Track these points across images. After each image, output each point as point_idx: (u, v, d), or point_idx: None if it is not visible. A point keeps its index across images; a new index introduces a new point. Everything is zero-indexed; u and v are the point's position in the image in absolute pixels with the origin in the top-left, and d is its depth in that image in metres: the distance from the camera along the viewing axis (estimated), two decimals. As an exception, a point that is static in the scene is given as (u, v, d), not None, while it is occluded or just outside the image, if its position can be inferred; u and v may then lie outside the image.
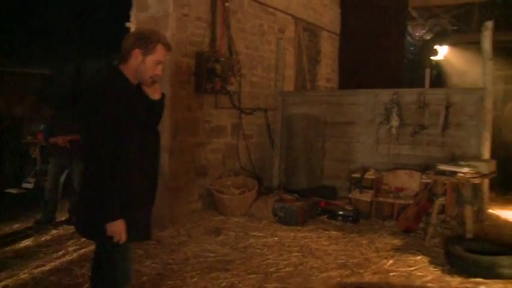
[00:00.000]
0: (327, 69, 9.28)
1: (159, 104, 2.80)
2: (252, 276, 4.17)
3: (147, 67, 2.65)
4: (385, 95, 6.80)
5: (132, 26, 6.02)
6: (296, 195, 6.46)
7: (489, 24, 6.31)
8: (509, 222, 6.18)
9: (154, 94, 2.76)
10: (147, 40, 2.64)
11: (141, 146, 2.64)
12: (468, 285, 4.03)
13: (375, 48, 9.32)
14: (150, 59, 2.64)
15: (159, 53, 2.66)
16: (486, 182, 6.23)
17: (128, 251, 2.79)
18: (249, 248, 4.97)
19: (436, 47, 9.97)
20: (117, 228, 2.53)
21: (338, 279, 4.12)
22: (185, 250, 4.85)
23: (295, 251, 4.87)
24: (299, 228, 5.72)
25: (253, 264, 4.46)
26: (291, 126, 7.49)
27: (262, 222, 5.94)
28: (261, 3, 7.33)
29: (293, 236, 5.40)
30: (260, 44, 7.41)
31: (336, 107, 7.24)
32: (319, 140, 7.26)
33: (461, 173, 5.08)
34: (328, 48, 9.37)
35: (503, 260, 4.20)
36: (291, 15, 8.11)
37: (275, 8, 7.68)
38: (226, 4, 6.52)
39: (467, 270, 4.24)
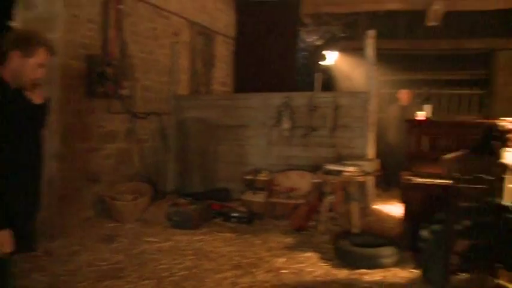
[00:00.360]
0: (222, 73, 9.38)
1: (42, 108, 2.68)
2: (146, 282, 4.12)
3: (26, 70, 2.51)
4: (277, 98, 7.01)
5: (17, 25, 5.67)
6: (190, 198, 6.46)
7: (372, 32, 6.74)
8: (391, 216, 6.59)
9: (36, 98, 2.64)
10: (27, 42, 2.52)
11: (20, 153, 2.51)
12: (354, 276, 4.29)
13: (269, 53, 9.56)
14: (31, 61, 2.51)
15: (40, 55, 2.54)
16: (371, 179, 6.65)
17: (8, 264, 2.61)
18: (143, 254, 4.88)
19: (326, 52, 10.45)
20: (2, 239, 2.40)
21: (232, 279, 4.19)
22: (77, 260, 4.65)
23: (190, 254, 4.87)
24: (194, 231, 5.70)
25: (147, 270, 4.40)
26: (185, 130, 7.48)
27: (157, 227, 5.86)
28: (155, 6, 7.23)
29: (188, 239, 5.39)
30: (154, 47, 7.32)
31: (230, 111, 7.35)
32: (213, 143, 7.32)
33: (347, 172, 5.39)
34: (223, 52, 9.47)
35: (384, 251, 4.56)
36: (185, 18, 8.10)
37: (170, 12, 7.63)
38: (120, 6, 6.37)
39: (353, 263, 4.52)
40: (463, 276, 4.22)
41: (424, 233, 4.18)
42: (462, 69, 11.53)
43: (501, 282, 4.07)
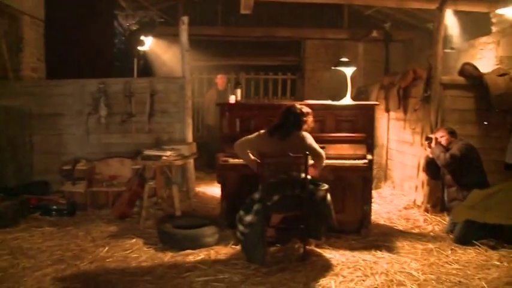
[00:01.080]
0: (32, 58, 8.73)
1: None
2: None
3: None
4: (92, 84, 6.83)
5: None
6: (2, 194, 6.01)
7: (185, 19, 6.93)
8: (214, 197, 6.91)
9: None
10: None
11: None
12: (179, 258, 4.44)
13: (85, 37, 9.17)
14: None
15: None
16: (191, 162, 6.90)
17: None
18: None
19: (143, 38, 10.37)
20: None
21: (53, 275, 4.05)
22: None
23: (5, 254, 4.54)
24: (9, 230, 5.32)
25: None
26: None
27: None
28: None
29: (1, 239, 5.01)
30: None
31: (43, 99, 6.94)
32: (27, 133, 6.87)
33: (165, 156, 5.52)
34: (32, 35, 8.80)
35: (205, 230, 4.80)
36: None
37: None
38: None
39: (177, 245, 4.67)
40: (279, 247, 4.71)
41: (242, 214, 4.47)
42: (275, 56, 12.43)
43: (311, 248, 4.63)
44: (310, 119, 4.59)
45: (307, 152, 4.32)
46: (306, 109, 4.57)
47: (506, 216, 4.48)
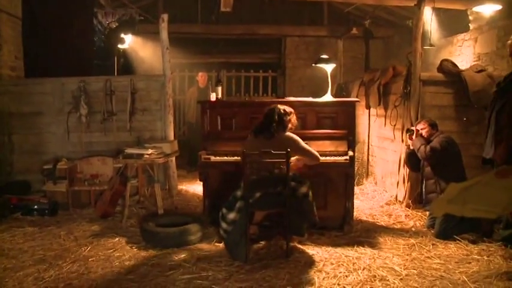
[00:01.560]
0: (10, 56, 8.60)
1: None
2: None
3: None
4: (72, 83, 6.79)
5: None
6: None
7: (165, 16, 6.90)
8: (196, 195, 6.91)
9: None
10: None
11: None
12: (162, 256, 4.43)
13: (64, 35, 9.07)
14: None
15: None
16: (173, 160, 6.88)
17: None
18: None
19: (123, 35, 10.30)
20: None
21: (35, 275, 4.01)
22: None
23: (-14, 255, 4.52)
24: (-12, 231, 5.28)
25: None
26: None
27: None
28: None
29: (-18, 239, 4.98)
30: None
31: (22, 97, 6.88)
32: (6, 132, 6.79)
33: (147, 154, 5.50)
34: (9, 33, 8.67)
35: (189, 228, 4.79)
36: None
37: None
38: None
39: (160, 243, 4.66)
40: (262, 244, 4.73)
41: (224, 211, 4.49)
42: (256, 53, 12.46)
43: (294, 244, 4.66)
44: (293, 117, 4.64)
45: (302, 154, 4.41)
46: (288, 108, 4.62)
47: (484, 210, 4.54)
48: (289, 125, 4.59)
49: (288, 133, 4.56)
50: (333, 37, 10.98)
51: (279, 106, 4.63)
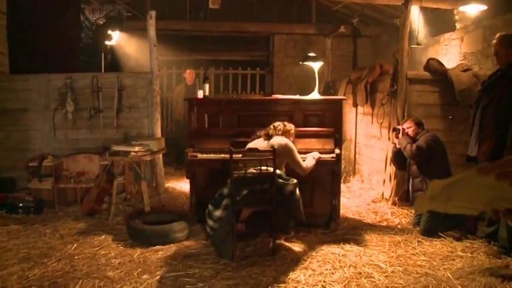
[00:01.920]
0: (-5, 52, 8.54)
1: None
2: None
3: None
4: (59, 79, 6.73)
5: None
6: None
7: (153, 13, 6.89)
8: (183, 193, 6.89)
9: None
10: None
11: None
12: (148, 254, 4.42)
13: (51, 31, 9.01)
14: None
15: None
16: (160, 158, 6.86)
17: None
18: None
19: (111, 32, 10.23)
20: None
21: (20, 273, 3.98)
22: None
23: (-31, 253, 4.47)
24: (-27, 229, 5.22)
25: None
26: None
27: None
28: None
29: (-35, 238, 4.91)
30: None
31: (7, 94, 6.80)
32: (-9, 130, 6.74)
33: (134, 152, 5.48)
34: (-6, 29, 8.61)
35: (175, 226, 4.78)
36: None
37: None
38: None
39: (147, 241, 4.64)
40: (249, 241, 4.73)
41: (211, 208, 4.49)
42: (244, 51, 12.44)
43: (280, 242, 4.67)
44: (292, 131, 4.84)
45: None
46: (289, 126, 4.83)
47: (466, 207, 4.58)
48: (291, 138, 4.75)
49: (287, 140, 4.64)
50: (321, 35, 10.98)
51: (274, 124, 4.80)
